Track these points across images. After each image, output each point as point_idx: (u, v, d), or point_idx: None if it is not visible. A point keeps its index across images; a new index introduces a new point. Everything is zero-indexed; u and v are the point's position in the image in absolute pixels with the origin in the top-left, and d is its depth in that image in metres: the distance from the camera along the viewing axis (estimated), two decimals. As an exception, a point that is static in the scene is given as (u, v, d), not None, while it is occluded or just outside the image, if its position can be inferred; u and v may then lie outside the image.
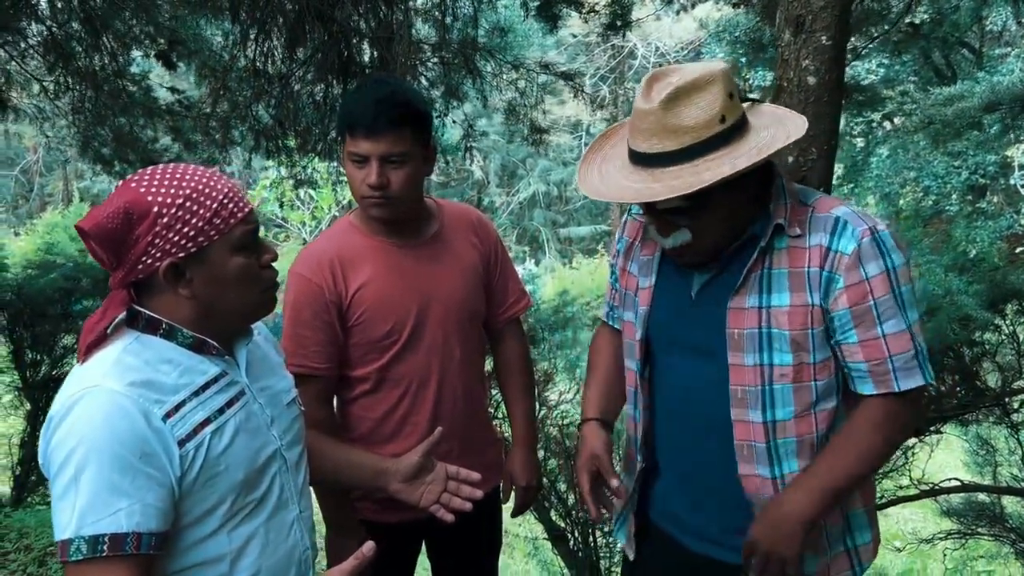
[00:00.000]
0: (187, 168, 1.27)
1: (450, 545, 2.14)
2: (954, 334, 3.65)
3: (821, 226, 1.47)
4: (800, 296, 1.47)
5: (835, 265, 1.45)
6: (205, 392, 1.28)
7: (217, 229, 1.25)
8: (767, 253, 1.50)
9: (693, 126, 1.38)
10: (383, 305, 1.88)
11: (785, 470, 1.54)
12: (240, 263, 1.29)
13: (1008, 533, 3.89)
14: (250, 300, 1.33)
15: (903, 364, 1.45)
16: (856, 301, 1.44)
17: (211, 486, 1.26)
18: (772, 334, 1.49)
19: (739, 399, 1.53)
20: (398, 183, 1.81)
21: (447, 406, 1.97)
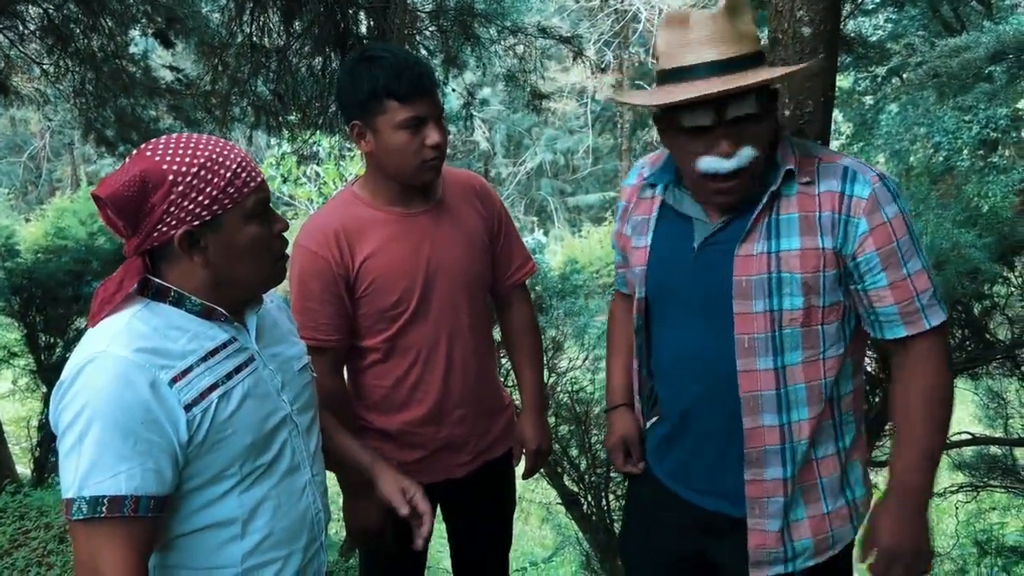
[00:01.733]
0: (201, 137, 1.29)
1: (465, 508, 2.17)
2: (963, 287, 3.64)
3: (831, 174, 1.49)
4: (811, 240, 1.48)
5: (852, 209, 1.46)
6: (213, 358, 1.30)
7: (231, 198, 1.27)
8: (775, 200, 1.51)
9: (754, 36, 1.44)
10: (391, 275, 1.89)
11: (794, 417, 1.54)
12: (253, 232, 1.30)
13: (1020, 484, 3.91)
14: (262, 269, 1.35)
15: (928, 301, 1.48)
16: (882, 243, 1.46)
17: (218, 450, 1.28)
18: (782, 279, 1.49)
19: (746, 348, 1.52)
20: (446, 140, 1.88)
21: (457, 373, 1.98)
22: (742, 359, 1.53)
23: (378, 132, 1.82)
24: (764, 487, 1.57)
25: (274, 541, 1.37)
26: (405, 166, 1.84)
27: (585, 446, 4.51)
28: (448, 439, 2.00)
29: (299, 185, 11.39)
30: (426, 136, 1.81)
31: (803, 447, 1.55)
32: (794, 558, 1.59)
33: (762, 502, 1.57)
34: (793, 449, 1.55)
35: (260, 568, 1.35)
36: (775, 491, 1.57)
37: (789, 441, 1.55)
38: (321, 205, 1.86)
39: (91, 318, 1.29)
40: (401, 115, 1.79)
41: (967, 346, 3.75)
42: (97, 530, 1.19)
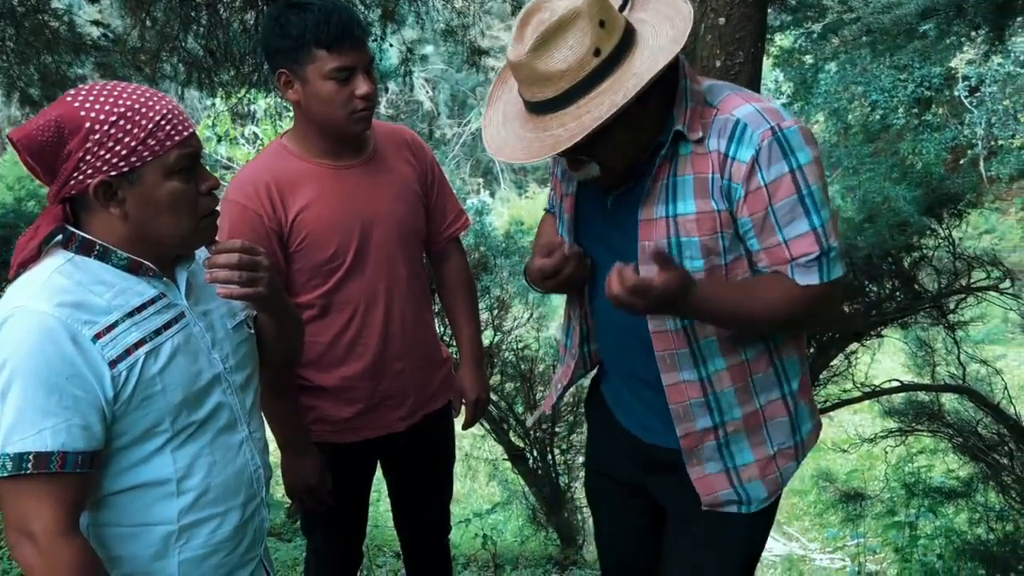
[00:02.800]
0: (127, 86, 1.26)
1: (405, 462, 2.18)
2: (893, 240, 3.74)
3: (722, 130, 1.42)
4: (705, 203, 1.45)
5: (732, 174, 1.41)
6: (140, 313, 1.28)
7: (151, 150, 1.24)
8: (673, 160, 1.47)
9: (566, 70, 1.33)
10: (325, 228, 1.87)
11: (711, 368, 1.55)
12: (175, 187, 1.27)
13: (946, 428, 4.07)
14: (185, 227, 1.31)
15: (803, 264, 1.43)
16: (755, 210, 1.42)
17: (148, 406, 1.27)
18: (682, 242, 1.47)
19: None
20: (375, 90, 1.85)
21: (396, 326, 1.98)
22: (652, 320, 1.54)
23: (306, 82, 1.79)
24: (697, 437, 1.59)
25: (211, 498, 1.36)
26: (334, 117, 1.81)
27: (530, 402, 4.57)
28: (387, 393, 2.00)
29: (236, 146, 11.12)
30: (355, 87, 1.79)
31: (729, 395, 1.56)
32: (749, 502, 1.61)
33: (697, 451, 1.60)
34: (717, 398, 1.56)
35: (198, 525, 1.35)
36: (707, 438, 1.59)
37: (712, 392, 1.56)
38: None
39: (11, 270, 1.27)
40: (330, 64, 1.76)
41: (897, 297, 3.86)
42: (24, 487, 1.17)
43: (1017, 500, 3.86)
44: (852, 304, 3.82)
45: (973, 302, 3.86)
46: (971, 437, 3.97)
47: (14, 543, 1.20)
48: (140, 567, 1.32)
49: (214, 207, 1.36)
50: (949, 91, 14.85)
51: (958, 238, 3.81)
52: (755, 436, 1.60)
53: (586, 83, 1.34)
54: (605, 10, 1.35)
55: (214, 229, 1.38)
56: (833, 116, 14.72)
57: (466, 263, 2.20)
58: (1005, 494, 3.90)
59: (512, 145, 1.43)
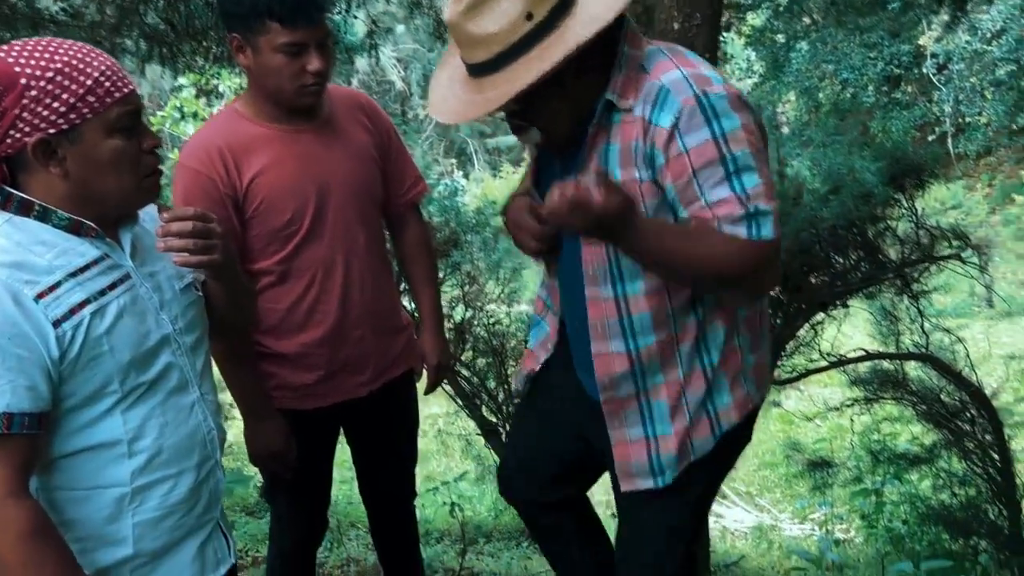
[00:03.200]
0: (63, 42, 1.23)
1: (368, 427, 2.18)
2: (857, 211, 3.78)
3: (648, 96, 1.42)
4: (629, 172, 1.45)
5: (654, 140, 1.41)
6: (84, 274, 1.26)
7: (91, 107, 1.21)
8: (608, 128, 1.46)
9: (497, 32, 1.33)
10: (281, 194, 1.86)
11: (640, 344, 1.55)
12: (116, 146, 1.25)
13: (910, 396, 4.13)
14: (127, 185, 1.29)
15: (729, 223, 1.41)
16: (677, 176, 1.41)
17: (95, 367, 1.25)
18: None
19: (591, 276, 1.54)
20: (329, 66, 1.82)
21: (355, 293, 1.97)
22: (589, 287, 1.56)
23: (258, 51, 1.78)
24: (620, 403, 1.61)
25: (164, 459, 1.35)
26: (283, 89, 1.81)
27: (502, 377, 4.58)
28: (348, 359, 2.00)
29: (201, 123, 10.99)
30: (307, 62, 1.77)
31: (655, 369, 1.57)
32: (662, 472, 1.61)
33: (620, 416, 1.61)
34: (643, 371, 1.57)
35: (151, 487, 1.34)
36: (629, 405, 1.60)
37: (639, 365, 1.57)
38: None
39: None
40: (282, 38, 1.74)
41: (862, 267, 3.90)
42: None
43: (978, 465, 3.94)
44: (818, 275, 3.86)
45: (936, 271, 3.92)
46: (934, 404, 4.03)
47: None
48: (93, 530, 1.30)
49: (157, 165, 1.34)
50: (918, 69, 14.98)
51: (923, 211, 3.85)
52: (678, 410, 1.59)
53: (517, 48, 1.34)
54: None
55: (157, 188, 1.36)
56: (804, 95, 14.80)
57: (425, 229, 2.19)
58: (967, 460, 3.97)
59: (449, 105, 1.44)
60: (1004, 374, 4.56)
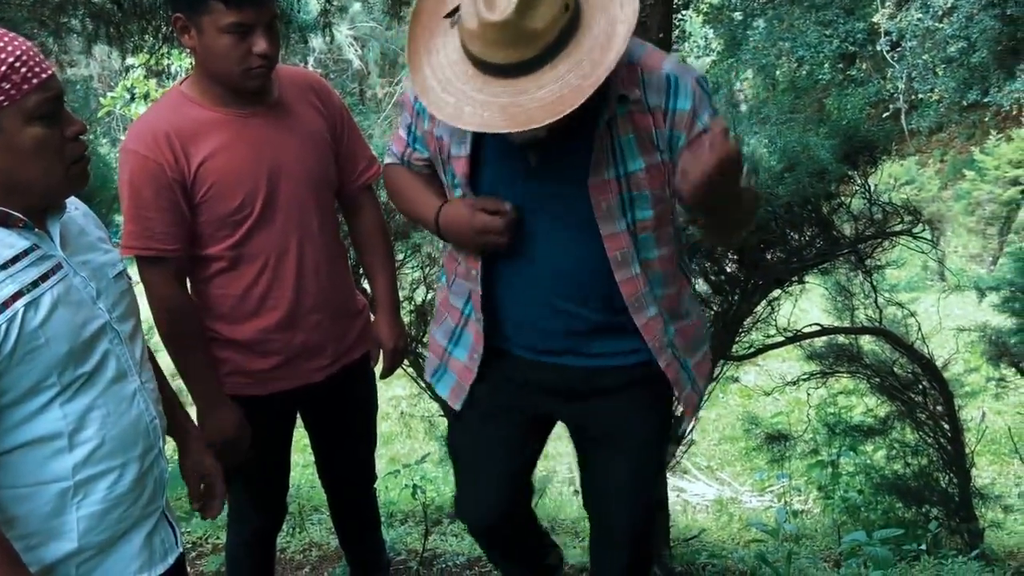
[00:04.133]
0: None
1: (325, 412, 2.17)
2: (812, 188, 3.82)
3: (656, 86, 1.51)
4: (651, 157, 1.54)
5: (676, 123, 1.51)
6: (14, 266, 1.22)
7: (7, 94, 1.17)
8: (611, 121, 1.51)
9: (545, 28, 1.33)
10: (230, 178, 1.82)
11: (659, 293, 1.67)
12: (37, 133, 1.21)
13: (865, 370, 4.22)
14: (53, 174, 1.25)
15: None
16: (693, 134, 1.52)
17: (32, 360, 1.22)
18: (634, 196, 1.56)
19: (619, 262, 1.60)
20: (276, 47, 1.79)
21: (309, 278, 1.95)
22: (619, 271, 1.61)
23: (202, 32, 1.74)
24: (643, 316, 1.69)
25: (107, 451, 1.32)
26: (229, 71, 1.77)
27: (463, 359, 4.58)
28: (304, 345, 1.98)
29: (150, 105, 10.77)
30: (253, 43, 1.73)
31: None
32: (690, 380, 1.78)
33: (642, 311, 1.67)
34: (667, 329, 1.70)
35: (95, 479, 1.31)
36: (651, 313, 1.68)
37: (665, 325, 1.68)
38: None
39: None
40: (226, 19, 1.70)
41: (816, 243, 3.95)
42: None
43: (930, 435, 4.04)
44: (774, 252, 3.91)
45: (889, 247, 3.99)
46: (888, 377, 4.12)
47: None
48: (37, 526, 1.28)
49: (82, 152, 1.30)
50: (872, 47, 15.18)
51: (876, 186, 3.91)
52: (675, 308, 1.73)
53: (560, 40, 1.34)
54: None
55: (85, 176, 1.32)
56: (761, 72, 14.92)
57: (380, 212, 2.16)
58: (919, 430, 4.07)
59: (478, 113, 1.38)
60: (954, 346, 4.66)
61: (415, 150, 1.77)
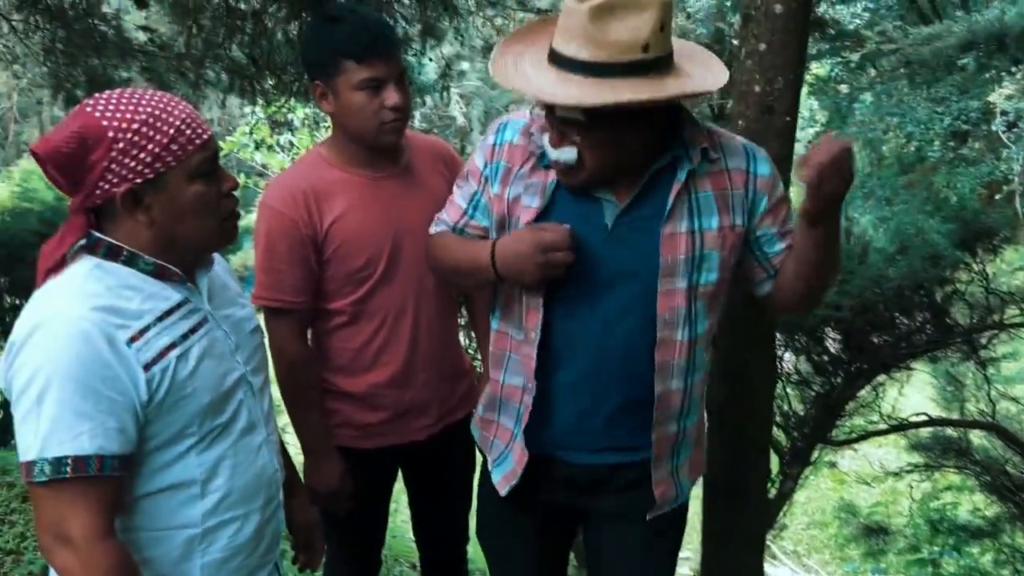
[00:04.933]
0: (144, 93, 1.26)
1: (426, 471, 2.20)
2: (925, 272, 3.71)
3: (735, 152, 1.57)
4: (727, 218, 1.55)
5: (758, 187, 1.57)
6: (169, 318, 1.28)
7: (174, 155, 1.24)
8: (690, 179, 1.53)
9: (614, 43, 1.34)
10: (358, 238, 1.89)
11: (695, 379, 1.64)
12: (198, 190, 1.28)
13: (974, 466, 4.01)
14: (209, 228, 1.32)
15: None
16: (777, 216, 1.60)
17: (178, 409, 1.27)
18: (704, 256, 1.55)
19: (667, 321, 1.56)
20: (408, 101, 1.87)
21: (423, 336, 2.00)
22: (663, 331, 1.56)
23: (338, 93, 1.83)
24: (667, 440, 1.66)
25: (233, 500, 1.37)
26: (365, 127, 1.85)
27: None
28: (412, 402, 2.02)
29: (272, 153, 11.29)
30: (385, 98, 1.81)
31: (696, 402, 1.68)
32: (677, 496, 1.74)
33: (664, 455, 1.66)
34: (691, 406, 1.67)
35: (220, 527, 1.35)
36: (672, 440, 1.67)
37: (689, 399, 1.65)
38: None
39: (37, 276, 1.27)
40: (358, 76, 1.79)
41: (927, 330, 3.82)
42: (62, 492, 1.17)
43: (1045, 543, 3.80)
44: (881, 335, 3.79)
45: (1006, 339, 3.82)
46: (999, 476, 3.91)
47: (49, 548, 1.20)
48: (165, 570, 1.32)
49: (235, 207, 1.37)
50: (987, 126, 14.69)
51: (992, 274, 3.77)
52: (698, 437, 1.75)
53: (628, 68, 1.36)
54: (670, 19, 1.39)
55: (235, 230, 1.39)
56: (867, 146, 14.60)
57: (496, 277, 2.20)
58: (1033, 536, 3.83)
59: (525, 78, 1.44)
60: (1073, 448, 4.38)
61: (473, 219, 1.73)
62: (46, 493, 1.17)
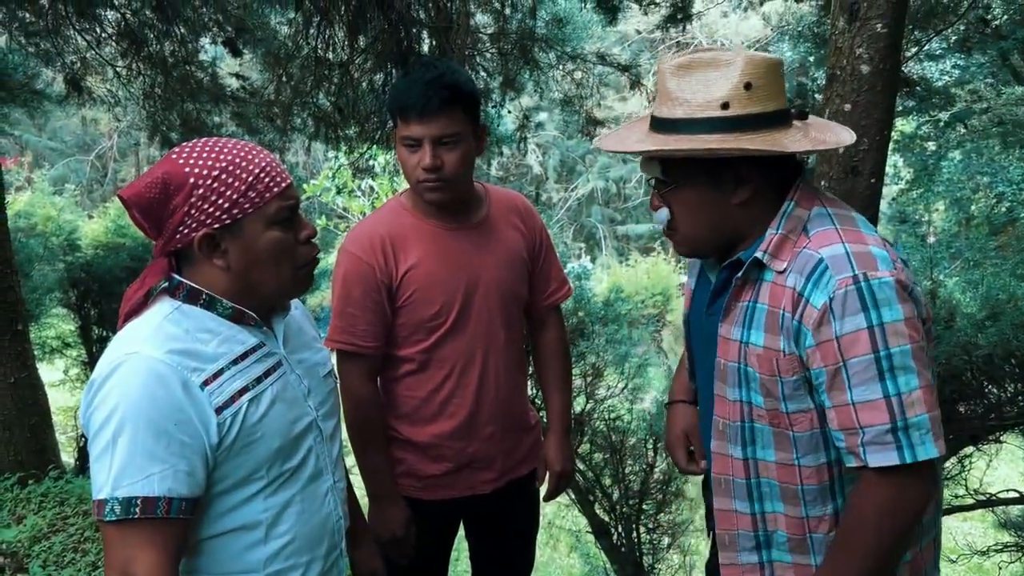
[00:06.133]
0: (227, 142, 1.30)
1: (488, 525, 2.17)
2: (1017, 339, 3.54)
3: (804, 265, 1.32)
4: (773, 339, 1.35)
5: (803, 317, 1.30)
6: (243, 361, 1.30)
7: (252, 202, 1.27)
8: (757, 283, 1.39)
9: (689, 99, 1.33)
10: (431, 287, 1.91)
11: (768, 508, 1.44)
12: (275, 237, 1.30)
13: (1069, 548, 3.76)
14: (285, 275, 1.34)
15: (873, 438, 1.26)
16: (828, 362, 1.28)
17: (247, 453, 1.29)
18: (748, 372, 1.39)
19: (720, 431, 1.47)
20: (451, 164, 1.83)
21: (490, 388, 1.99)
22: (716, 440, 1.47)
23: (397, 145, 1.88)
24: (739, 570, 1.48)
25: (296, 547, 1.37)
26: (409, 182, 1.90)
27: (619, 476, 4.47)
28: (476, 455, 2.00)
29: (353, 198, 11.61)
30: (420, 157, 1.82)
31: (782, 537, 1.44)
32: None
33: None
34: (768, 538, 1.46)
35: (282, 573, 1.35)
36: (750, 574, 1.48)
37: (763, 529, 1.45)
38: (372, 217, 1.93)
39: (120, 318, 1.31)
40: (401, 133, 1.83)
41: (1019, 401, 3.63)
42: (130, 532, 1.19)
43: None
44: (969, 405, 3.61)
45: (1106, 414, 3.58)
46: (1097, 561, 3.65)
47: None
48: None
49: (313, 255, 1.38)
50: (1085, 187, 14.07)
51: (1091, 343, 3.56)
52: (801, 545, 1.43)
53: (703, 124, 1.33)
54: (765, 80, 1.32)
55: (311, 278, 1.40)
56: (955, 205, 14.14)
57: (564, 331, 2.20)
58: None
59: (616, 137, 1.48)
60: None
61: None
62: (115, 532, 1.19)
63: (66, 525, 3.79)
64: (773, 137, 1.32)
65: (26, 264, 6.42)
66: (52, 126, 23.26)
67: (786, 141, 1.32)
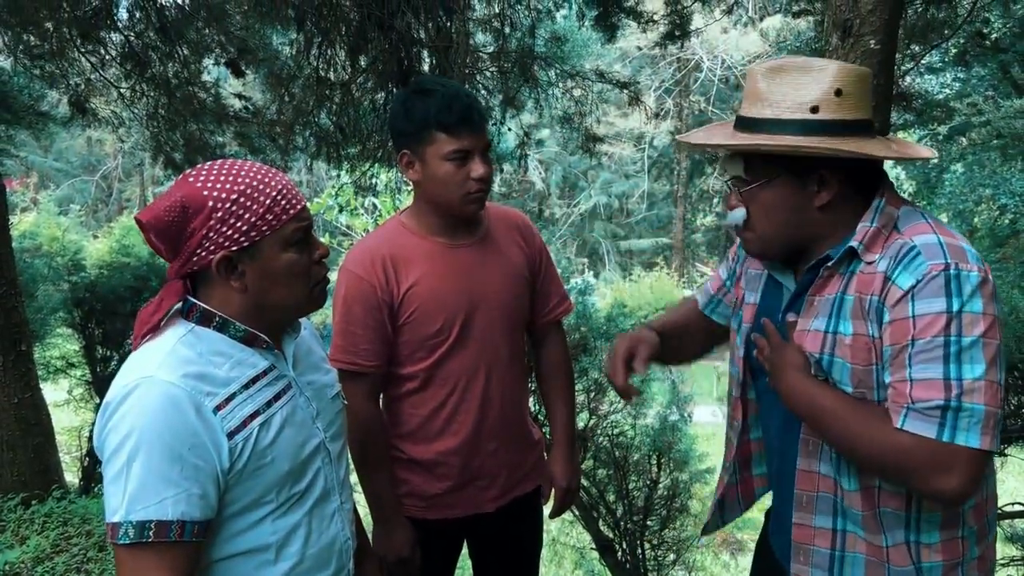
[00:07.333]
0: (244, 164, 1.31)
1: (492, 543, 2.17)
2: (1020, 352, 3.54)
3: (894, 252, 1.31)
4: (861, 325, 1.33)
5: (887, 297, 1.29)
6: (254, 385, 1.31)
7: (269, 224, 1.28)
8: (845, 276, 1.38)
9: (778, 101, 1.35)
10: (433, 305, 1.92)
11: (849, 527, 1.41)
12: (291, 258, 1.32)
13: (1076, 562, 3.74)
14: (300, 295, 1.35)
15: (920, 409, 1.23)
16: (896, 340, 1.27)
17: (258, 477, 1.29)
18: (835, 362, 1.36)
19: (809, 450, 1.44)
20: (491, 173, 1.91)
21: (493, 405, 1.99)
22: (801, 459, 1.45)
23: (426, 162, 1.87)
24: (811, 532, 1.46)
25: (304, 568, 1.37)
26: (450, 197, 1.88)
27: (623, 491, 4.46)
28: (479, 472, 2.01)
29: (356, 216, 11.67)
30: (471, 169, 1.85)
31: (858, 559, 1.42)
32: None
33: (806, 548, 1.48)
34: (843, 558, 1.43)
35: None
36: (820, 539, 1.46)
37: (840, 549, 1.44)
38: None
39: (134, 339, 1.32)
40: (448, 147, 1.83)
41: (1023, 413, 3.63)
42: (143, 555, 1.19)
43: None
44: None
45: (1111, 426, 3.58)
46: (1105, 575, 3.63)
47: None
48: None
49: (325, 274, 1.40)
50: (1086, 198, 14.08)
51: (1094, 356, 3.56)
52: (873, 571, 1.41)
53: (791, 125, 1.35)
54: (855, 88, 1.35)
55: (324, 297, 1.42)
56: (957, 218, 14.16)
57: (566, 347, 2.20)
58: None
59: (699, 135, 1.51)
60: None
61: (729, 291, 1.78)
62: (128, 555, 1.20)
63: (69, 545, 3.80)
64: (859, 143, 1.34)
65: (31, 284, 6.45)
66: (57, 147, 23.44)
67: (872, 148, 1.34)
